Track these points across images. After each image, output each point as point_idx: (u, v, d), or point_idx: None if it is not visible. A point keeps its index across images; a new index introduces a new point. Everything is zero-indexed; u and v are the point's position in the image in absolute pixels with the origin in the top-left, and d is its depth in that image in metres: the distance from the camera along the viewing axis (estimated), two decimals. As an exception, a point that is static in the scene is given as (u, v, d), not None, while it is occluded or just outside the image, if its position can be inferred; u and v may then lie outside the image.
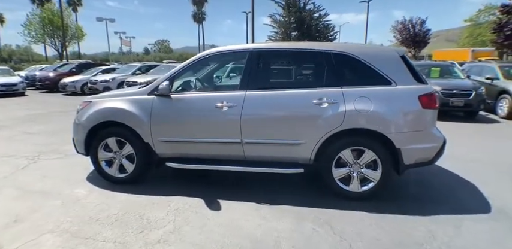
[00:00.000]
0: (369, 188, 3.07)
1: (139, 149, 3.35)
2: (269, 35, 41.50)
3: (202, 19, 54.63)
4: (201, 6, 54.10)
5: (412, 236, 2.50)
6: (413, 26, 29.97)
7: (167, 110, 3.24)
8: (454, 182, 3.66)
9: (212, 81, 3.83)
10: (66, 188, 3.43)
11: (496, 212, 2.91)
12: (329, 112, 2.95)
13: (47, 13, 33.16)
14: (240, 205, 3.01)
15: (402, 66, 3.03)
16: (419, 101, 2.94)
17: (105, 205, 3.01)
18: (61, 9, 29.72)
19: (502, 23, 17.39)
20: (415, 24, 29.90)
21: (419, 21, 29.81)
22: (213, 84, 3.68)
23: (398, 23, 30.93)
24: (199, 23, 55.05)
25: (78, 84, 13.36)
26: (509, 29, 16.80)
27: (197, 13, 54.53)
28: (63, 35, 31.34)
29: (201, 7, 54.07)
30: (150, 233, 2.53)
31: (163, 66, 13.58)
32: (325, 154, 3.05)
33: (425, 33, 30.04)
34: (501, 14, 17.86)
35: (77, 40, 36.79)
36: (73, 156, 4.61)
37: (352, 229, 2.59)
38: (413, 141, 2.95)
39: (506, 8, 16.69)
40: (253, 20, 21.67)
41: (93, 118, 3.39)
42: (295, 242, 2.40)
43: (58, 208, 2.97)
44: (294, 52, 3.24)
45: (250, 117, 3.08)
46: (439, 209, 2.95)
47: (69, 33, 34.02)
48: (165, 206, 3.00)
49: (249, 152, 3.19)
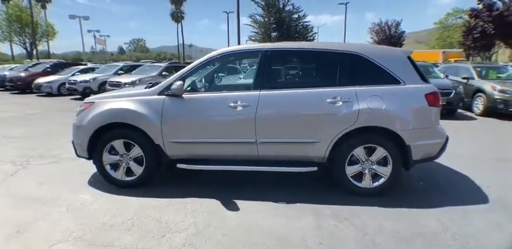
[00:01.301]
0: (380, 184, 3.17)
1: (148, 151, 3.24)
2: (249, 35, 41.63)
3: (181, 18, 53.62)
4: (180, 5, 53.10)
5: (426, 227, 2.62)
6: (389, 28, 31.25)
7: (179, 110, 3.17)
8: (450, 175, 3.86)
9: (223, 81, 3.78)
10: (68, 194, 3.25)
11: (494, 202, 3.10)
12: (343, 110, 3.02)
13: (14, 9, 31.12)
14: (257, 205, 3.00)
15: (409, 66, 3.17)
16: (426, 99, 3.08)
17: (116, 210, 2.89)
18: (30, 5, 28.03)
19: (471, 26, 18.59)
20: (390, 26, 31.18)
21: (394, 24, 31.15)
22: (225, 84, 3.63)
23: (375, 25, 32.16)
24: (178, 22, 54.00)
25: (55, 85, 12.66)
26: (477, 32, 18.00)
27: (175, 12, 53.45)
28: (33, 32, 29.58)
29: (180, 6, 53.08)
30: (172, 236, 2.46)
31: (147, 66, 13.20)
32: (339, 152, 3.11)
33: (400, 35, 31.42)
34: (469, 18, 19.09)
35: (47, 38, 34.84)
36: (66, 160, 4.40)
37: (372, 223, 2.67)
38: (421, 138, 3.08)
39: (474, 12, 17.85)
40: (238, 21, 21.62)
41: (98, 119, 3.23)
42: (321, 239, 2.44)
43: (64, 215, 2.80)
44: (307, 52, 3.28)
45: (264, 116, 3.08)
46: (443, 201, 3.11)
47: (39, 31, 32.13)
48: (181, 208, 2.93)
49: (263, 151, 3.18)
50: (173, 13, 53.89)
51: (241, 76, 10.58)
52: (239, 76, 10.84)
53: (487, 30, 17.41)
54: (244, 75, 10.19)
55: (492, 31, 17.00)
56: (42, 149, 4.98)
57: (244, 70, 12.01)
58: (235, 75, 11.39)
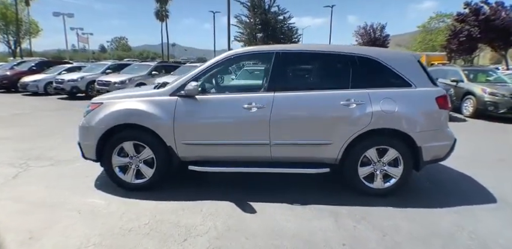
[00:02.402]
0: (391, 184, 3.24)
1: (160, 153, 3.18)
2: (235, 35, 41.64)
3: (166, 17, 52.81)
4: (165, 4, 52.26)
5: (441, 227, 2.70)
6: (374, 31, 31.94)
7: (193, 111, 3.12)
8: (454, 176, 3.99)
9: (235, 82, 3.75)
10: (77, 198, 3.14)
11: (500, 201, 3.23)
12: (357, 112, 3.06)
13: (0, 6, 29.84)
14: (272, 207, 3.00)
15: (420, 69, 3.25)
16: (437, 102, 3.17)
17: (131, 214, 2.82)
18: (16, 2, 26.85)
19: (457, 30, 19.31)
20: (375, 29, 31.88)
21: (379, 27, 31.86)
22: (235, 85, 3.61)
23: (360, 28, 32.79)
24: (162, 20, 53.17)
25: (41, 84, 12.21)
26: (463, 36, 18.71)
27: (160, 10, 52.59)
28: (17, 30, 28.40)
29: (165, 4, 52.25)
30: (194, 240, 2.42)
31: (136, 65, 12.95)
32: (351, 154, 3.16)
33: (385, 38, 32.17)
34: (455, 22, 19.81)
35: (30, 36, 33.54)
36: (66, 162, 4.27)
37: (389, 224, 2.72)
38: (431, 139, 3.17)
39: (461, 16, 18.53)
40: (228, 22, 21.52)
41: (108, 120, 3.14)
42: (343, 240, 2.46)
43: (77, 220, 2.71)
44: (320, 55, 3.30)
45: (279, 118, 3.08)
46: (451, 200, 3.21)
47: (23, 29, 30.90)
48: (197, 211, 2.89)
49: (276, 153, 3.19)
50: (158, 12, 53.02)
51: (233, 77, 10.53)
52: (231, 77, 10.78)
53: (473, 34, 18.13)
54: (236, 76, 10.13)
55: (478, 35, 17.74)
56: (39, 150, 4.79)
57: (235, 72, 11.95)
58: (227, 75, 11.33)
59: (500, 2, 17.01)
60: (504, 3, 16.98)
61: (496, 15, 16.83)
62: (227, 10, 20.26)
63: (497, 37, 17.40)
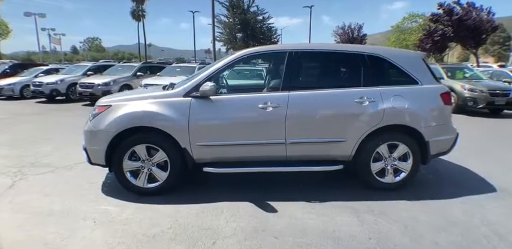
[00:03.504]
0: (402, 178, 3.35)
1: (174, 155, 3.10)
2: (215, 35, 41.22)
3: (143, 17, 51.39)
4: (142, 3, 50.85)
5: (455, 216, 2.83)
6: (352, 31, 32.83)
7: (208, 112, 3.08)
8: (453, 168, 4.19)
9: (248, 81, 3.72)
10: (88, 206, 2.99)
11: (500, 190, 3.43)
12: (370, 110, 3.14)
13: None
14: (292, 205, 3.01)
15: (425, 67, 3.39)
16: (442, 98, 3.32)
17: (150, 220, 2.73)
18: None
19: (432, 30, 20.29)
20: (353, 30, 32.80)
21: (357, 27, 32.82)
22: (247, 84, 3.59)
23: (339, 28, 33.63)
24: (139, 20, 51.71)
25: (17, 87, 11.52)
26: (438, 35, 19.68)
27: (137, 10, 51.10)
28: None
29: (141, 4, 50.83)
30: (224, 243, 2.39)
31: (119, 66, 12.53)
32: (364, 150, 3.23)
33: (362, 38, 33.17)
34: (430, 22, 20.78)
35: (1, 38, 31.54)
36: (65, 169, 4.08)
37: (407, 216, 2.82)
38: (438, 134, 3.32)
39: (435, 16, 19.48)
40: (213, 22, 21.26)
41: (119, 123, 3.02)
42: (369, 234, 2.52)
43: (94, 230, 2.58)
44: (332, 53, 3.35)
45: (294, 116, 3.11)
46: (456, 192, 3.36)
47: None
48: (218, 213, 2.85)
49: (291, 152, 3.21)
50: (134, 11, 51.50)
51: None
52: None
53: (447, 34, 19.13)
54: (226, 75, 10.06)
55: (451, 34, 18.76)
56: (30, 157, 4.53)
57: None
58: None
59: (471, 3, 18.07)
60: (475, 4, 18.04)
61: (468, 16, 17.85)
62: (211, 10, 20.04)
63: (469, 36, 18.45)
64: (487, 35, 18.54)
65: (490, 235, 2.52)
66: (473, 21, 17.61)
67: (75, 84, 10.78)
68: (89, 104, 10.61)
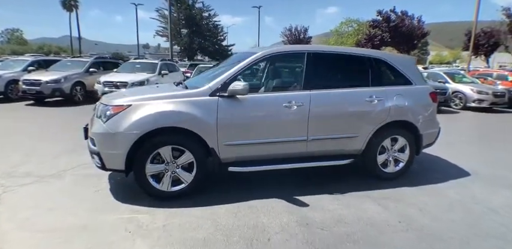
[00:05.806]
0: (401, 168, 3.80)
1: (200, 156, 3.02)
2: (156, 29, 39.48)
3: (75, 7, 46.28)
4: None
5: (452, 198, 3.33)
6: (298, 33, 34.58)
7: (235, 111, 3.06)
8: (430, 157, 4.83)
9: (270, 81, 3.74)
10: (109, 216, 2.74)
11: (474, 173, 4.10)
12: (379, 107, 3.49)
13: None
14: (318, 198, 3.18)
15: (417, 69, 3.87)
16: (430, 97, 3.84)
17: (190, 224, 2.63)
18: None
19: (372, 35, 22.52)
20: (300, 32, 34.58)
21: (303, 29, 34.66)
22: (272, 84, 3.64)
23: (286, 30, 35.20)
24: (71, 11, 46.47)
25: None
26: (377, 40, 21.94)
27: (68, 0, 45.81)
28: None
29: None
30: (278, 238, 2.45)
31: (68, 61, 11.24)
32: (373, 144, 3.58)
33: (308, 40, 35.18)
34: (369, 27, 23.04)
35: None
36: (52, 177, 3.64)
37: (417, 201, 3.22)
38: (428, 127, 3.83)
39: (375, 23, 21.65)
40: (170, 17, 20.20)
41: (144, 124, 2.82)
42: (397, 218, 2.83)
43: (134, 241, 2.38)
44: (345, 55, 3.61)
45: (316, 114, 3.28)
46: (442, 177, 3.93)
47: None
48: (254, 211, 2.89)
49: (311, 148, 3.38)
50: (65, 0, 46.13)
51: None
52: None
53: (385, 39, 21.48)
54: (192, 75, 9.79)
55: (389, 39, 21.14)
56: (8, 166, 3.89)
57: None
58: None
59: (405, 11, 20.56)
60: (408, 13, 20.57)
61: (402, 23, 20.27)
62: (168, 5, 19.03)
63: (403, 41, 21.01)
64: (418, 41, 21.41)
65: (485, 211, 3.05)
66: (406, 28, 20.14)
67: (15, 81, 9.34)
68: (33, 104, 9.33)
